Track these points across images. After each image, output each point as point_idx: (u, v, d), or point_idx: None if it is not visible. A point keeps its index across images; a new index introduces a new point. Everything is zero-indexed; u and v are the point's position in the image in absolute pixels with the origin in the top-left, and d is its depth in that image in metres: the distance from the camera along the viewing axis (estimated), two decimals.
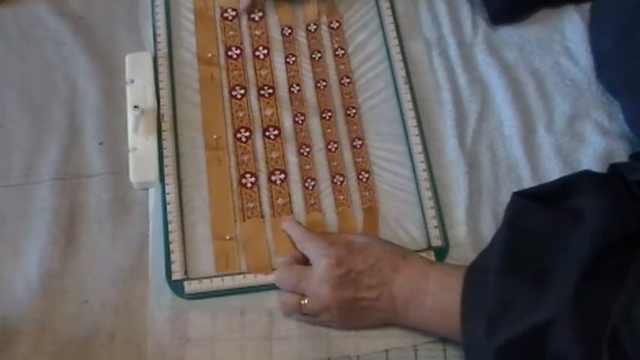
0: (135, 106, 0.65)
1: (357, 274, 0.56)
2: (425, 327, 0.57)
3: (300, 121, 0.69)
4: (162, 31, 0.72)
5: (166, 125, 0.67)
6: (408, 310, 0.56)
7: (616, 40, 0.65)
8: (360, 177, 0.67)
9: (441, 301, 0.54)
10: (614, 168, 0.56)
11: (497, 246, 0.53)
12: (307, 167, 0.67)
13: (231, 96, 0.70)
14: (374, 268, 0.57)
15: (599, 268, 0.48)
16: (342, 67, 0.72)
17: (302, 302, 0.58)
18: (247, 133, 0.68)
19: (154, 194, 0.65)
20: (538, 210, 0.54)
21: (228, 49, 0.72)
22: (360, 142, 0.68)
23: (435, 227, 0.64)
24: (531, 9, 0.73)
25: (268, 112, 0.70)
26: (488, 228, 0.63)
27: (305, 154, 0.68)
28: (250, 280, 0.61)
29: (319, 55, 0.73)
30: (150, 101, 0.67)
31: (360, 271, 0.56)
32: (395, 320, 0.57)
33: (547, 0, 0.74)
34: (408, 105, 0.69)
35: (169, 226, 0.63)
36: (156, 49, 0.71)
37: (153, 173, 0.65)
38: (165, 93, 0.69)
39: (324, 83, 0.71)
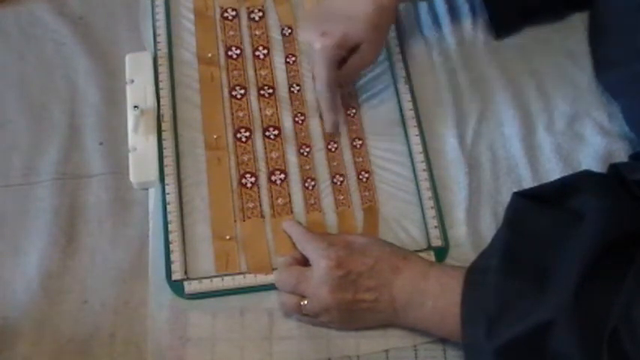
0: (135, 106, 0.65)
1: (357, 276, 0.56)
2: (425, 328, 0.57)
3: (300, 121, 0.69)
4: (162, 31, 0.72)
5: (166, 125, 0.67)
6: (408, 311, 0.56)
7: (616, 41, 0.65)
8: (360, 177, 0.67)
9: (440, 302, 0.54)
10: (614, 168, 0.56)
11: (497, 246, 0.53)
12: (307, 167, 0.67)
13: (231, 96, 0.70)
14: (373, 270, 0.57)
15: (599, 268, 0.48)
16: None
17: (302, 303, 0.58)
18: (247, 133, 0.68)
19: (153, 194, 0.65)
20: (538, 210, 0.54)
21: (228, 49, 0.72)
22: (360, 142, 0.68)
23: (435, 227, 0.64)
24: (534, 19, 0.73)
25: (268, 112, 0.70)
26: (488, 228, 0.63)
27: (305, 154, 0.68)
28: (250, 280, 0.61)
29: None
30: (150, 101, 0.68)
31: (360, 273, 0.57)
32: (395, 321, 0.57)
33: (550, 11, 0.73)
34: (408, 105, 0.69)
35: (169, 226, 0.63)
36: (156, 49, 0.71)
37: (153, 173, 0.65)
38: (165, 93, 0.69)
39: None
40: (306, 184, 0.66)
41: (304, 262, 0.61)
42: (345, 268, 0.56)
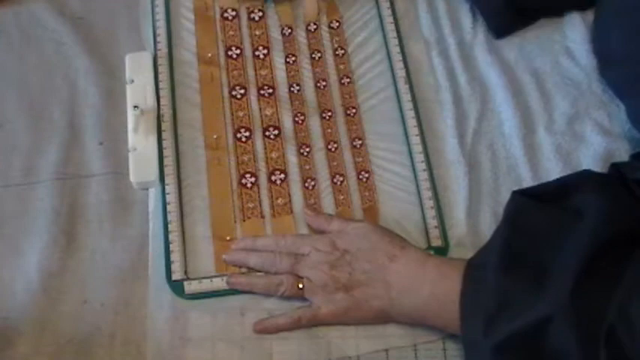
0: (135, 106, 0.65)
1: (352, 258, 0.58)
2: (423, 317, 0.57)
3: (300, 121, 0.69)
4: (162, 31, 0.72)
5: (166, 125, 0.67)
6: (404, 298, 0.56)
7: (622, 39, 0.65)
8: (360, 177, 0.67)
9: (438, 288, 0.55)
10: (615, 167, 0.56)
11: (496, 243, 0.54)
12: (307, 167, 0.67)
13: (231, 96, 0.70)
14: (369, 254, 0.58)
15: (597, 265, 0.48)
16: (342, 66, 0.72)
17: (299, 285, 0.59)
18: (247, 133, 0.68)
19: (154, 194, 0.65)
20: (537, 208, 0.54)
21: (228, 49, 0.72)
22: (360, 142, 0.68)
23: (435, 227, 0.64)
24: (533, 20, 0.73)
25: (268, 111, 0.70)
26: (488, 228, 0.63)
27: (305, 154, 0.68)
28: None
29: (319, 55, 0.73)
30: (150, 101, 0.67)
31: (355, 255, 0.58)
32: (391, 310, 0.57)
33: (549, 10, 0.73)
34: (408, 105, 0.69)
35: (169, 226, 0.63)
36: (156, 49, 0.71)
37: (153, 173, 0.65)
38: (165, 93, 0.69)
39: (324, 83, 0.71)
40: (306, 184, 0.66)
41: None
42: (342, 249, 0.58)
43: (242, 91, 0.70)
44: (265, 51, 0.73)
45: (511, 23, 0.72)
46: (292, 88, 0.71)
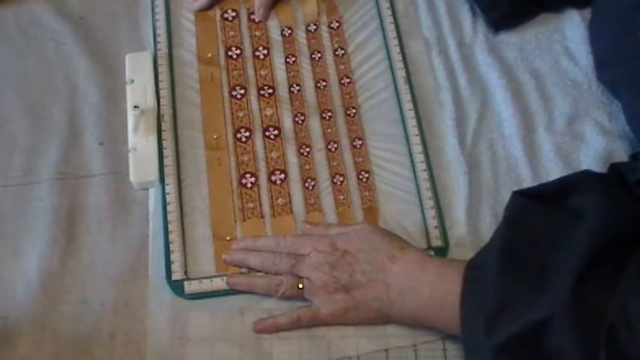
0: (135, 106, 0.65)
1: (353, 258, 0.58)
2: (422, 318, 0.57)
3: (300, 121, 0.69)
4: (162, 31, 0.72)
5: (166, 125, 0.67)
6: (404, 299, 0.56)
7: (616, 39, 0.66)
8: (360, 177, 0.67)
9: (438, 290, 0.55)
10: (615, 168, 0.56)
11: (496, 244, 0.53)
12: (307, 167, 0.67)
13: (231, 96, 0.70)
14: (369, 255, 0.58)
15: (597, 266, 0.48)
16: (342, 67, 0.72)
17: (299, 285, 0.59)
18: (247, 133, 0.68)
19: (154, 194, 0.65)
20: (537, 209, 0.54)
21: (229, 49, 0.72)
22: (360, 142, 0.68)
23: (435, 227, 0.64)
24: (531, 14, 0.73)
25: (268, 112, 0.70)
26: (488, 228, 0.63)
27: (305, 154, 0.68)
28: None
29: (319, 55, 0.73)
30: (150, 101, 0.68)
31: (356, 256, 0.58)
32: (391, 311, 0.57)
33: (547, 5, 0.73)
34: (408, 105, 0.69)
35: (169, 226, 0.63)
36: (156, 49, 0.71)
37: (153, 173, 0.65)
38: (165, 93, 0.69)
39: (324, 83, 0.71)
40: (306, 184, 0.66)
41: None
42: (342, 250, 0.58)
43: (242, 92, 0.70)
44: (265, 51, 0.73)
45: (510, 15, 0.72)
46: (292, 89, 0.71)
